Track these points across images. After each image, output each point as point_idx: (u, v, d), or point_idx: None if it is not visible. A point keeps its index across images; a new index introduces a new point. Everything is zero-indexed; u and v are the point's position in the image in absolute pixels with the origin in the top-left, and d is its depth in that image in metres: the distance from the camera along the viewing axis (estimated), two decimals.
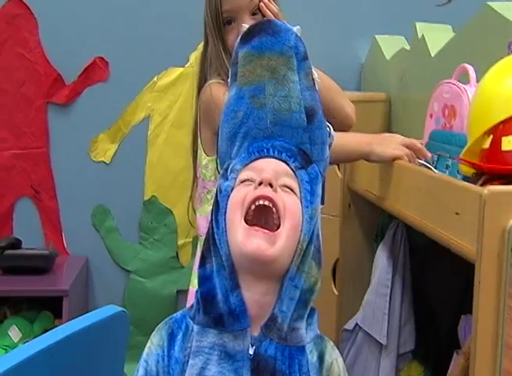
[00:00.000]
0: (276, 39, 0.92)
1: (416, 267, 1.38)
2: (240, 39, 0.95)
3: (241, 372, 0.82)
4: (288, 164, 0.90)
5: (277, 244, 0.82)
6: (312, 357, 0.86)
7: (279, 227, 0.84)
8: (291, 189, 0.88)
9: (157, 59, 2.52)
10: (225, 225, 0.86)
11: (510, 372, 0.94)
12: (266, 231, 0.83)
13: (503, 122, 1.11)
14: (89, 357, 1.00)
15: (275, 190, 0.85)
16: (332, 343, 0.91)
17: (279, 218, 0.85)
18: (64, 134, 2.60)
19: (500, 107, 1.12)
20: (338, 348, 0.93)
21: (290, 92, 0.91)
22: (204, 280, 0.86)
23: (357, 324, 1.37)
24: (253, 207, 0.85)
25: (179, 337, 0.87)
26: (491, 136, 1.14)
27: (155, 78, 2.56)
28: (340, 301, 1.63)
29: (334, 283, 1.95)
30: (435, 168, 1.31)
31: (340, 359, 0.91)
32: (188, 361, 0.84)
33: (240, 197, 0.86)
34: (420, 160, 1.32)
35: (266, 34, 0.92)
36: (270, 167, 0.88)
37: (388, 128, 2.06)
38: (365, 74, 2.58)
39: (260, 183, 0.85)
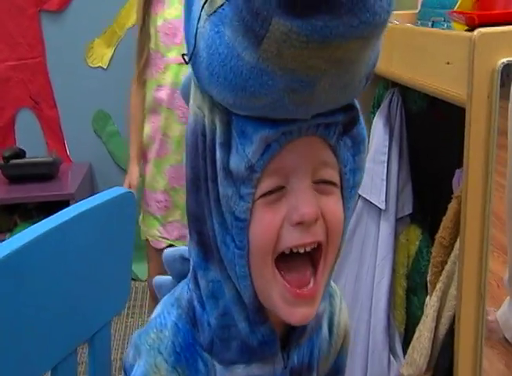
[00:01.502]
0: (355, 16, 0.49)
1: (412, 134, 1.37)
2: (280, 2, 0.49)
3: None
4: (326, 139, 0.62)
5: (317, 298, 0.66)
6: (325, 330, 0.78)
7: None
8: (331, 181, 0.63)
9: None
10: (249, 268, 0.63)
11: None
12: (308, 291, 0.64)
13: None
14: (99, 235, 1.01)
15: (317, 221, 0.62)
16: (339, 297, 0.82)
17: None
18: (59, 42, 2.58)
19: None
20: None
21: (355, 74, 0.56)
22: (219, 317, 0.69)
23: None
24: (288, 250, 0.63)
25: None
26: None
27: None
28: None
29: None
30: None
31: (344, 321, 0.83)
32: None
33: (270, 232, 0.61)
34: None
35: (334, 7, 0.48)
36: (302, 162, 0.61)
37: None
38: None
39: (299, 222, 0.61)
